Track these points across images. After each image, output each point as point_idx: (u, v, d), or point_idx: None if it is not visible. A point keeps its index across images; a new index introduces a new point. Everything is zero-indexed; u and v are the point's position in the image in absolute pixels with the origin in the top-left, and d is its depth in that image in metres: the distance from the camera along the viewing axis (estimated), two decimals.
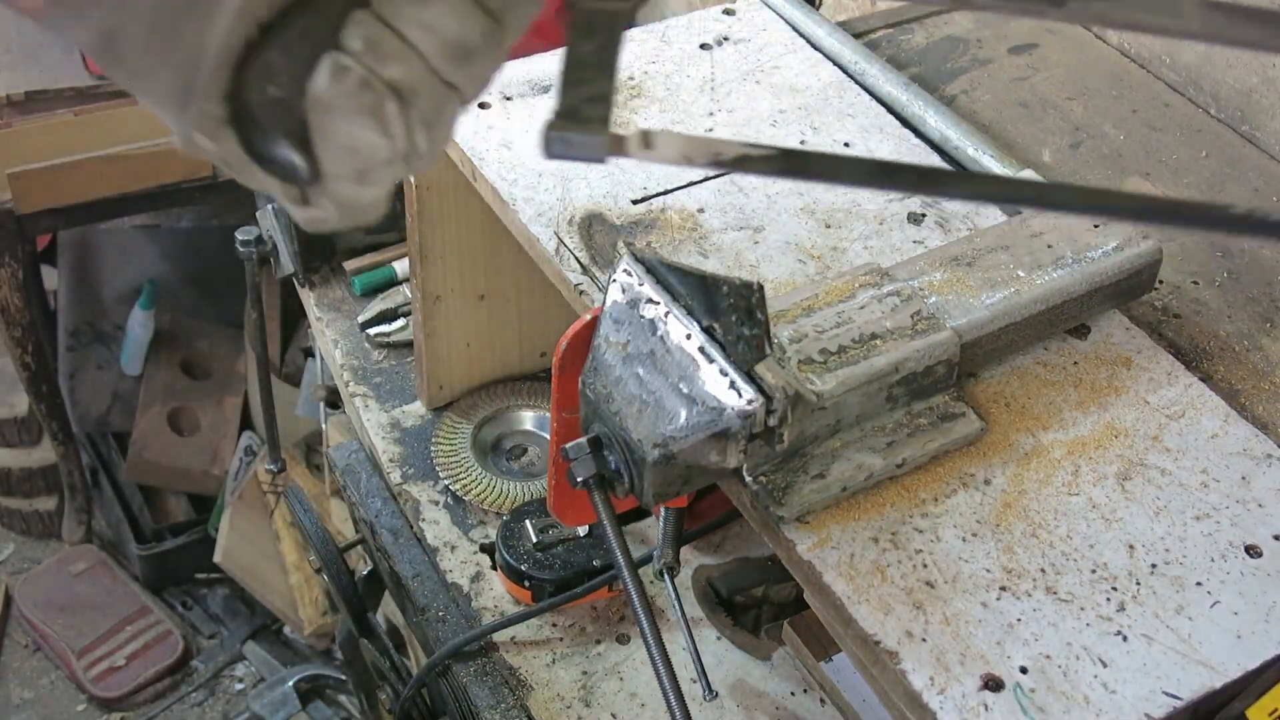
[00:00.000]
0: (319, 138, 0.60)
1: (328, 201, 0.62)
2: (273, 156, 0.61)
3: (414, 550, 1.44)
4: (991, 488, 0.96)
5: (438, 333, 1.51)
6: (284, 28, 0.59)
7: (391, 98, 0.58)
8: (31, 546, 2.97)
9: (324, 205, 0.62)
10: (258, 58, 0.59)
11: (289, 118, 0.59)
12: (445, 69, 0.60)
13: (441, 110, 0.61)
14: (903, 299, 1.00)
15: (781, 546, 0.93)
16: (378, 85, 0.58)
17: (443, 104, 0.61)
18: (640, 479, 0.90)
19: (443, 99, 0.60)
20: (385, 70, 0.58)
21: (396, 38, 0.58)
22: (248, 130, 0.61)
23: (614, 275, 0.94)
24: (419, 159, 0.61)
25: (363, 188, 0.61)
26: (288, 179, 0.62)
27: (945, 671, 0.85)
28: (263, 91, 0.59)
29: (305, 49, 0.59)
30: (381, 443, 1.55)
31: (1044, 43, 1.48)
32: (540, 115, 1.27)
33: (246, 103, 0.60)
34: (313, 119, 0.59)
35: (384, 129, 0.59)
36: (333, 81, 0.58)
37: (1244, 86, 1.34)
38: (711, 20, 1.43)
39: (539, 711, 1.26)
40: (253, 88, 0.60)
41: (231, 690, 2.74)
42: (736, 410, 0.86)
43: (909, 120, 1.31)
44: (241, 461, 2.78)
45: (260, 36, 0.59)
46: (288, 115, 0.59)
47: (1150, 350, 1.07)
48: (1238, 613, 0.89)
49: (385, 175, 0.61)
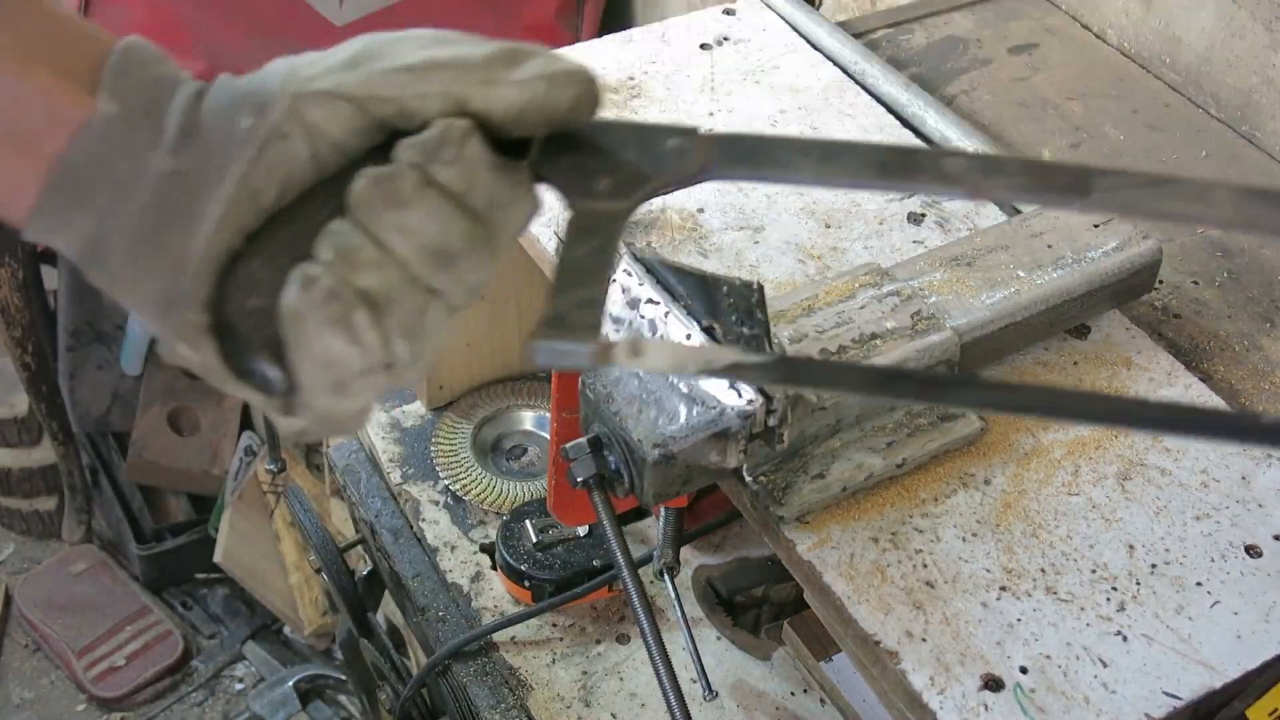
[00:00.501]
0: (292, 350, 0.58)
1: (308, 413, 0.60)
2: (249, 368, 0.60)
3: (414, 550, 1.44)
4: (991, 488, 0.96)
5: None
6: (268, 238, 0.58)
7: (362, 307, 0.57)
8: (31, 546, 2.96)
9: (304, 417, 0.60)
10: (240, 268, 0.58)
11: (267, 329, 0.58)
12: (426, 274, 0.58)
13: (422, 317, 0.59)
14: (903, 299, 1.00)
15: (781, 546, 0.93)
16: (347, 294, 0.56)
17: (423, 310, 0.59)
18: (640, 479, 0.90)
19: (423, 305, 0.58)
20: (356, 278, 0.57)
21: (373, 245, 0.57)
22: (227, 340, 0.59)
23: (614, 275, 0.94)
24: (401, 368, 0.59)
25: (342, 399, 0.59)
26: (265, 391, 0.60)
27: (945, 671, 0.85)
28: (243, 302, 0.58)
29: (285, 260, 0.58)
30: (381, 443, 1.55)
31: (1044, 43, 1.48)
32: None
33: (227, 313, 0.59)
34: (285, 331, 0.57)
35: (354, 338, 0.57)
36: (301, 292, 0.56)
37: (1244, 86, 1.34)
38: (711, 20, 1.43)
39: (539, 711, 1.26)
40: (233, 298, 0.58)
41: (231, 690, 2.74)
42: (736, 410, 0.86)
43: (909, 120, 1.31)
44: (241, 461, 2.78)
45: (246, 245, 0.59)
46: (266, 326, 0.58)
47: (1150, 350, 1.07)
48: (1238, 613, 0.89)
49: (364, 386, 0.59)
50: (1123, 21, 1.46)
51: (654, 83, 1.33)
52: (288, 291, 0.57)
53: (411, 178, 0.57)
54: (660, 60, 1.36)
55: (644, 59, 1.36)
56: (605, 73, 1.33)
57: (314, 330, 0.57)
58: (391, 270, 0.57)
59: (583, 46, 1.40)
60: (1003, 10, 1.53)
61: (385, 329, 0.57)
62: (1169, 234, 1.22)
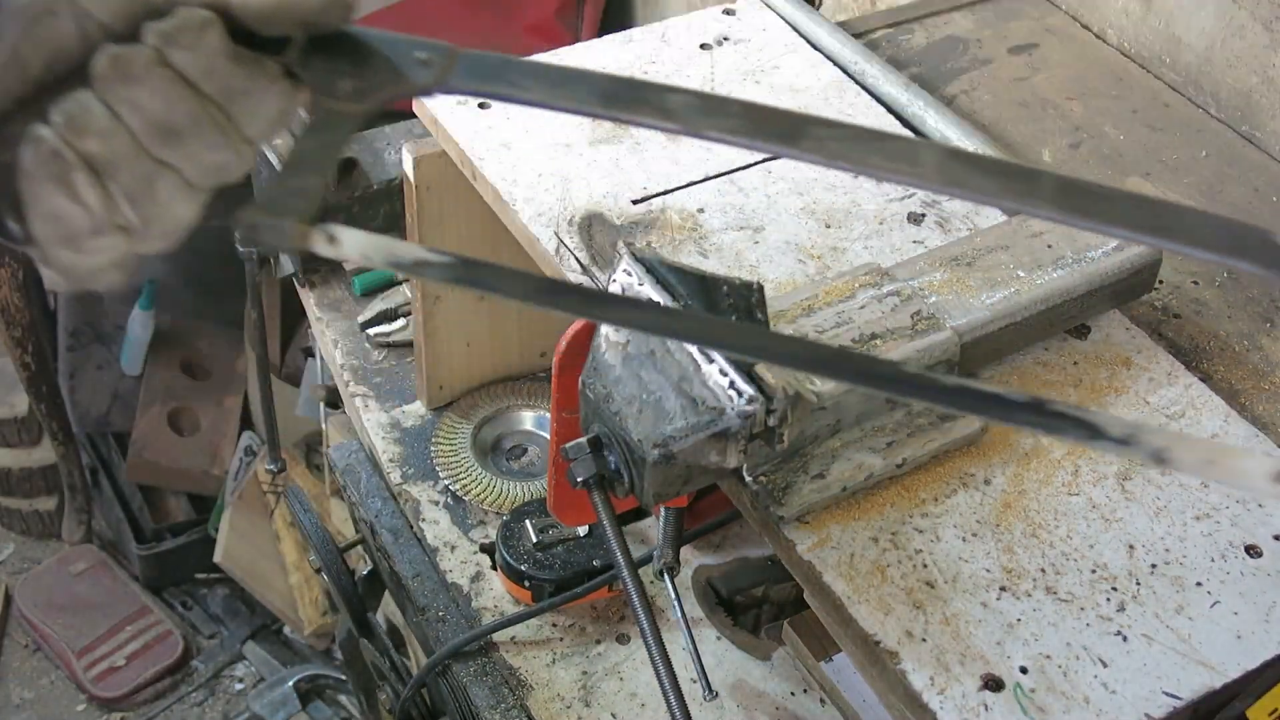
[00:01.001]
0: (27, 204, 0.63)
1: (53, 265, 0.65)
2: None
3: (414, 550, 1.44)
4: (991, 488, 0.96)
5: (438, 333, 1.51)
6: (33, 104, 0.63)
7: (84, 169, 0.61)
8: (31, 546, 2.97)
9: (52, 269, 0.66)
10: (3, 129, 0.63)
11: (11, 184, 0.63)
12: (153, 147, 0.62)
13: (150, 186, 0.63)
14: (903, 299, 1.00)
15: (781, 546, 0.93)
16: (69, 155, 0.61)
17: (151, 180, 0.63)
18: (640, 479, 0.90)
19: (151, 175, 0.63)
20: (81, 142, 0.61)
21: (106, 114, 0.61)
22: None
23: (614, 275, 0.94)
24: (136, 233, 0.64)
25: (78, 255, 0.64)
26: (11, 241, 0.65)
27: (945, 671, 0.85)
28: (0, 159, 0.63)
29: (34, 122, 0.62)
30: (381, 443, 1.55)
31: (1044, 43, 1.48)
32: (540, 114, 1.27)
33: None
34: (20, 186, 0.63)
35: (75, 197, 0.62)
36: (30, 150, 0.62)
37: (1244, 86, 1.34)
38: (711, 20, 1.43)
39: (539, 711, 1.26)
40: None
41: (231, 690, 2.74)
42: (736, 410, 0.86)
43: (909, 120, 1.31)
44: (241, 461, 2.78)
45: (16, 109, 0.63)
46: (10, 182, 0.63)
47: (1150, 350, 1.07)
48: (1238, 613, 0.89)
49: (100, 245, 0.64)
50: (1123, 21, 1.46)
51: None
52: (23, 149, 0.62)
53: (146, 56, 0.62)
54: (660, 60, 1.36)
55: (644, 59, 1.36)
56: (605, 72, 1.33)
57: (39, 186, 0.62)
58: (120, 139, 0.62)
59: (583, 46, 1.40)
60: (1003, 10, 1.54)
61: (109, 192, 0.62)
62: None
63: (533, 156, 1.23)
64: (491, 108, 1.28)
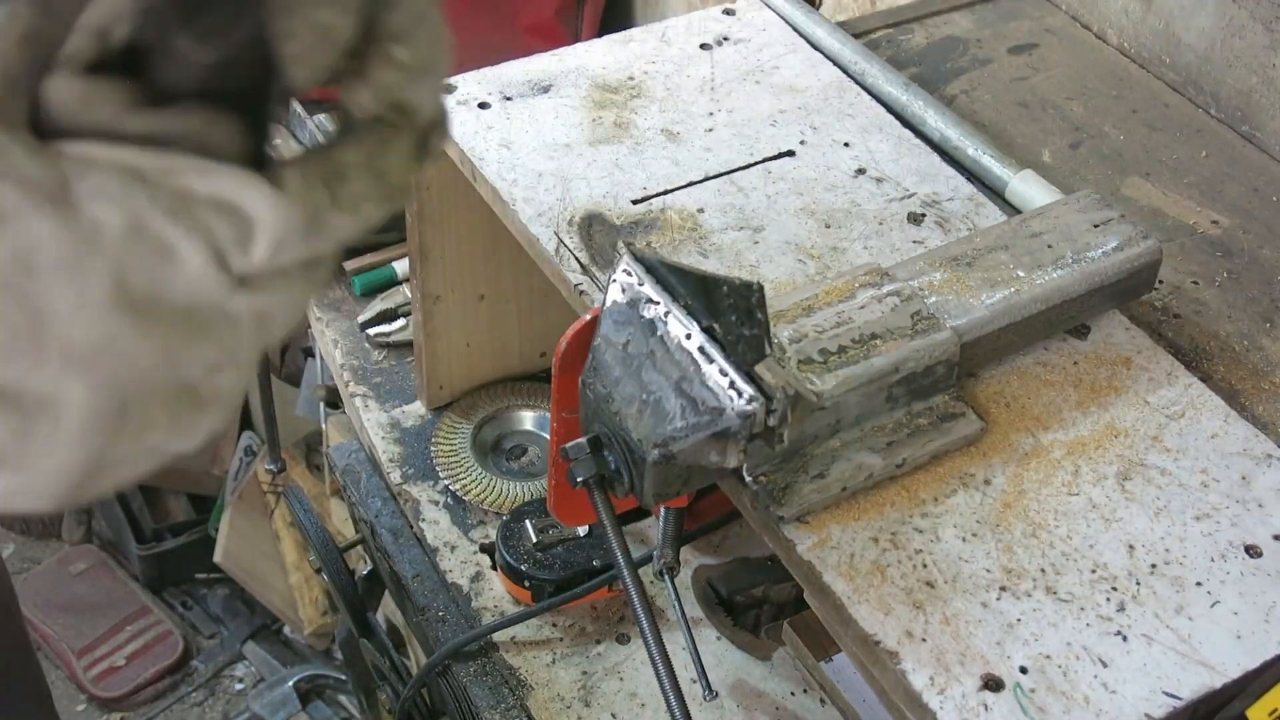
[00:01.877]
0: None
1: None
2: None
3: (414, 550, 1.44)
4: (991, 488, 0.96)
5: (438, 333, 1.51)
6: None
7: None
8: (31, 546, 2.97)
9: None
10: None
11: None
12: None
13: None
14: (903, 299, 1.00)
15: (781, 546, 0.93)
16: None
17: None
18: (640, 479, 0.90)
19: None
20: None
21: None
22: None
23: (614, 275, 0.94)
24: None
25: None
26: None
27: (945, 671, 0.85)
28: None
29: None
30: (381, 443, 1.55)
31: (1044, 43, 1.48)
32: (540, 114, 1.27)
33: None
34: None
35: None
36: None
37: (1244, 86, 1.34)
38: (711, 20, 1.43)
39: (539, 711, 1.26)
40: None
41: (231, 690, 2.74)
42: (736, 410, 0.86)
43: (909, 120, 1.31)
44: (241, 461, 2.78)
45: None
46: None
47: (1150, 350, 1.07)
48: (1238, 613, 0.89)
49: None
50: (1123, 21, 1.46)
51: (654, 83, 1.33)
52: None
53: None
54: (660, 60, 1.36)
55: (644, 59, 1.36)
56: (605, 72, 1.34)
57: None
58: None
59: (582, 46, 1.40)
60: (1003, 10, 1.54)
61: None
62: (1169, 234, 1.22)
63: (532, 156, 1.23)
64: (491, 107, 1.29)
